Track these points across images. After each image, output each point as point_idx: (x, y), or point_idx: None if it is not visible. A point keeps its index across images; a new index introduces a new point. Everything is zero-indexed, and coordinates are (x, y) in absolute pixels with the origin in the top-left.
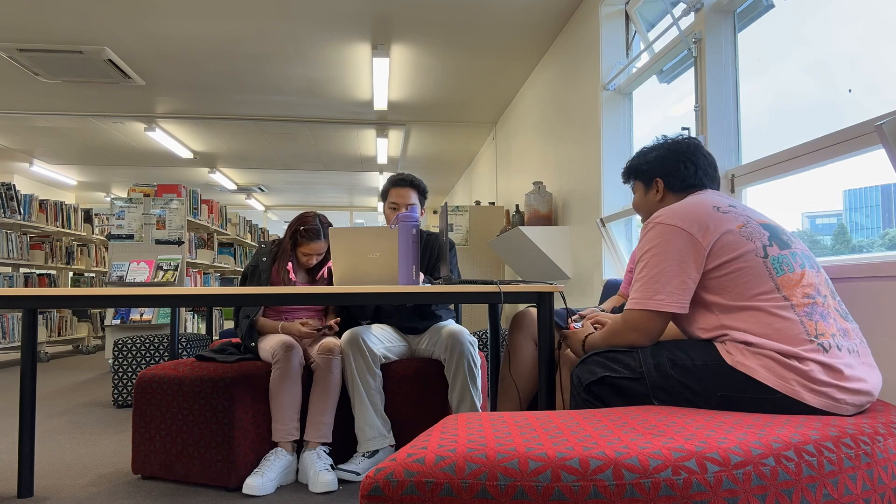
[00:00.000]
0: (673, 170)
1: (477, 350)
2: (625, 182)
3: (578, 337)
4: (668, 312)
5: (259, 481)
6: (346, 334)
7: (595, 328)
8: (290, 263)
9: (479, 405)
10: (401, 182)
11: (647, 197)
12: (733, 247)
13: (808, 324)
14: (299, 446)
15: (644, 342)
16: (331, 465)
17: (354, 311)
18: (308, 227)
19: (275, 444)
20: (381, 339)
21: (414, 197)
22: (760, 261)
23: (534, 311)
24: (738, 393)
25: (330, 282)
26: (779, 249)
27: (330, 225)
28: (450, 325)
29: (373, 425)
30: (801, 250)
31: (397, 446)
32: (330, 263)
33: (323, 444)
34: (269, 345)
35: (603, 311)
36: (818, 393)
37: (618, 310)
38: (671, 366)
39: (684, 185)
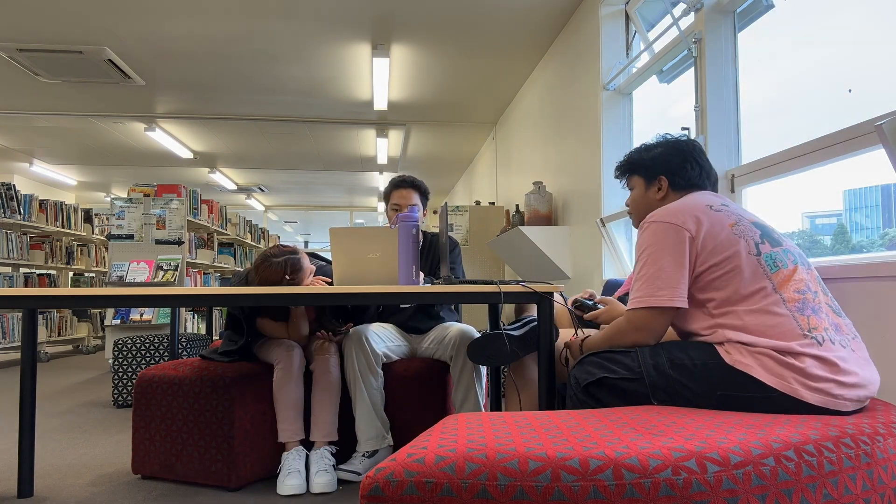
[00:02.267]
0: (679, 168)
1: None
2: (619, 177)
3: (576, 343)
4: (672, 308)
5: (298, 480)
6: (350, 332)
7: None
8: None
9: (482, 404)
10: (402, 183)
11: (647, 194)
12: (726, 245)
13: (800, 319)
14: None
15: (650, 341)
16: (332, 466)
17: (355, 311)
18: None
19: (280, 445)
20: (383, 339)
21: (416, 198)
22: (754, 259)
23: None
24: (738, 392)
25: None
26: (771, 247)
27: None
28: (457, 324)
29: (372, 425)
30: (791, 248)
31: (397, 446)
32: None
33: (329, 442)
34: (270, 347)
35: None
36: (816, 390)
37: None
38: (670, 366)
39: (687, 185)
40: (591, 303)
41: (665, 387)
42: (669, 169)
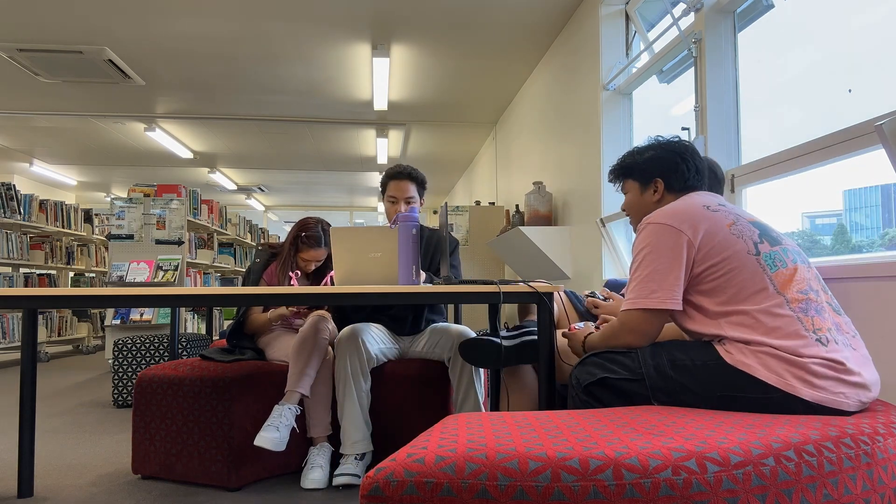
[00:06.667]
0: (673, 170)
1: None
2: (613, 181)
3: (578, 337)
4: (666, 310)
5: (276, 435)
6: (343, 331)
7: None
8: (294, 273)
9: (481, 401)
10: (398, 174)
11: (643, 197)
12: (724, 246)
13: (804, 320)
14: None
15: (641, 343)
16: (329, 463)
17: (350, 310)
18: (309, 234)
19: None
20: (378, 340)
21: (413, 189)
22: (753, 259)
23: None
24: (738, 392)
25: None
26: (770, 246)
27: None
28: (453, 325)
29: (360, 428)
30: (791, 246)
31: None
32: (332, 273)
33: (326, 437)
34: (286, 341)
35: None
36: (816, 387)
37: None
38: (671, 367)
39: (683, 187)
40: (600, 298)
41: (665, 387)
42: (664, 171)
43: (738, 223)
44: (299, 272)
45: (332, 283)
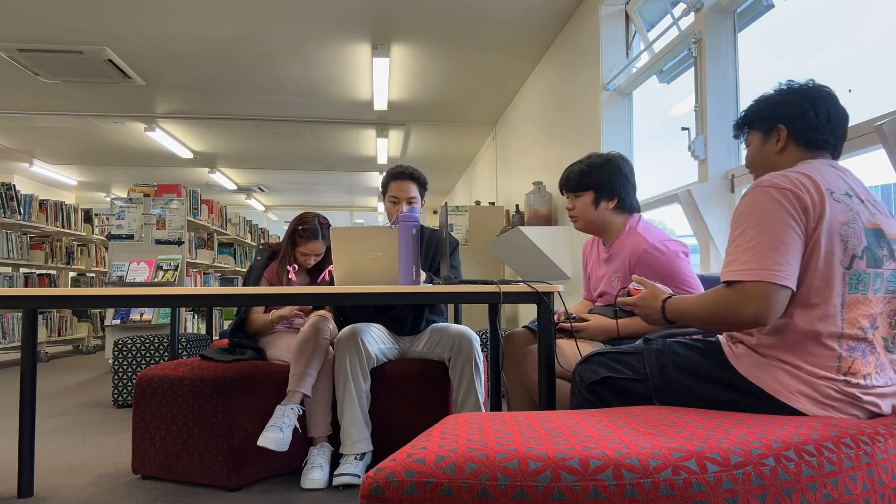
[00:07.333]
0: (800, 115)
1: (480, 347)
2: (736, 135)
3: (656, 300)
4: (788, 289)
5: (279, 435)
6: (343, 331)
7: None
8: (292, 266)
9: (482, 401)
10: (400, 175)
11: (764, 147)
12: (823, 244)
13: (844, 360)
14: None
15: (767, 317)
16: (329, 463)
17: (350, 310)
18: (306, 227)
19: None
20: (378, 340)
21: (414, 190)
22: (840, 269)
23: (518, 333)
24: (743, 398)
25: (332, 284)
26: (866, 265)
27: (329, 226)
28: (453, 325)
29: (360, 428)
30: (891, 271)
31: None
32: (331, 267)
33: (326, 437)
34: (286, 341)
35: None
36: (827, 407)
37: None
38: (675, 369)
39: (811, 139)
40: (573, 316)
41: (668, 389)
42: (789, 115)
43: (851, 224)
44: (297, 266)
45: (331, 278)
